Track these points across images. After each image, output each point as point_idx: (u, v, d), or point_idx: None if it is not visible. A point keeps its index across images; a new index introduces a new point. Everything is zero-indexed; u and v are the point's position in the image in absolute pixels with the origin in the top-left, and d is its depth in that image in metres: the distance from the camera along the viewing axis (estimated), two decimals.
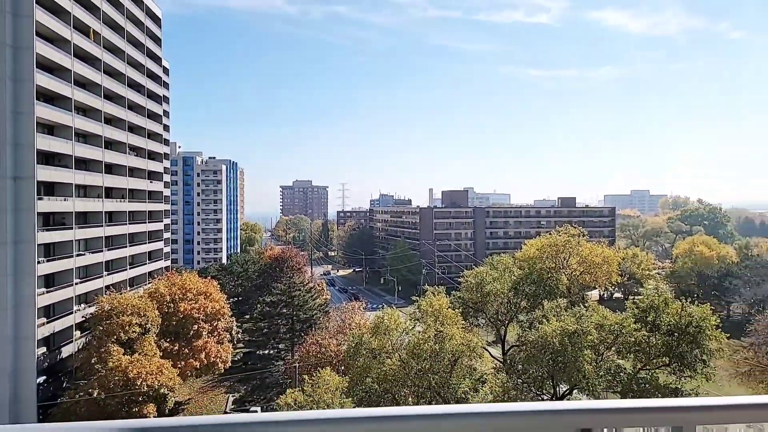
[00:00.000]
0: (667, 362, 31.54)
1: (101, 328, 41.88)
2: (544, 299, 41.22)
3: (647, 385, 30.58)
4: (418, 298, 40.26)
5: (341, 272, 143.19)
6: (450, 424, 1.64)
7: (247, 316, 70.60)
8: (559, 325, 33.16)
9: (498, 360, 43.70)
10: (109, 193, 54.09)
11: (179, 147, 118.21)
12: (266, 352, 58.14)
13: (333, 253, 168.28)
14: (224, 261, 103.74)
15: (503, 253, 58.87)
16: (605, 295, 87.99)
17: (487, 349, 41.90)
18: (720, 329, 31.56)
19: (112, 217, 54.03)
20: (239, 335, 60.52)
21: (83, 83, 49.38)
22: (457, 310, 39.92)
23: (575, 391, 34.93)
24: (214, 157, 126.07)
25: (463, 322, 40.04)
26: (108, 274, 52.42)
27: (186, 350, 46.99)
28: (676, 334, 31.36)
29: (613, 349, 33.51)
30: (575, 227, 56.24)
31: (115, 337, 41.16)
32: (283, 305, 58.27)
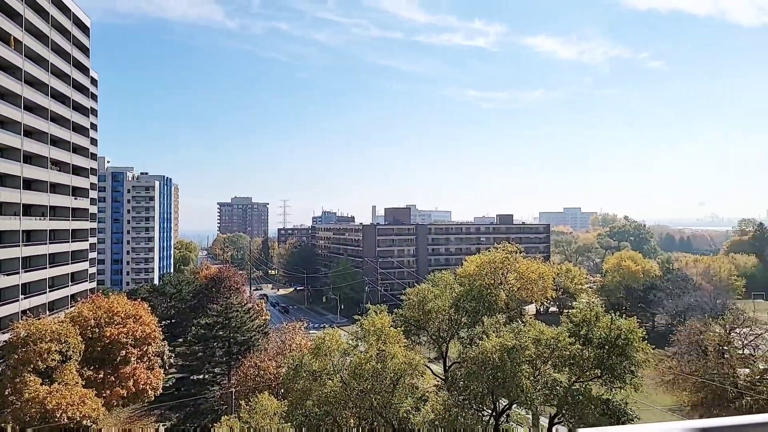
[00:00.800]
0: (599, 374, 32.67)
1: (16, 356, 38.51)
2: (484, 315, 41.91)
3: (581, 397, 31.49)
4: (360, 316, 39.81)
5: (282, 291, 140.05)
6: None
7: (181, 340, 67.24)
8: (498, 341, 33.72)
9: (440, 377, 43.80)
10: (28, 210, 50.27)
11: (108, 162, 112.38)
12: (201, 376, 55.39)
13: (273, 272, 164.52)
14: (156, 281, 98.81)
15: (445, 269, 59.60)
16: (541, 309, 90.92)
17: (429, 367, 41.93)
18: (646, 341, 33.13)
19: (30, 236, 50.15)
20: (172, 360, 57.44)
21: (1, 93, 45.96)
22: (399, 328, 39.84)
23: (514, 405, 35.52)
24: (146, 173, 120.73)
25: (406, 340, 40.01)
26: (25, 298, 48.48)
27: (112, 378, 43.99)
28: (606, 346, 32.60)
29: (549, 363, 34.35)
30: (512, 244, 57.89)
31: (31, 365, 37.93)
32: (220, 327, 55.92)
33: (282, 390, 39.12)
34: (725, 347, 43.15)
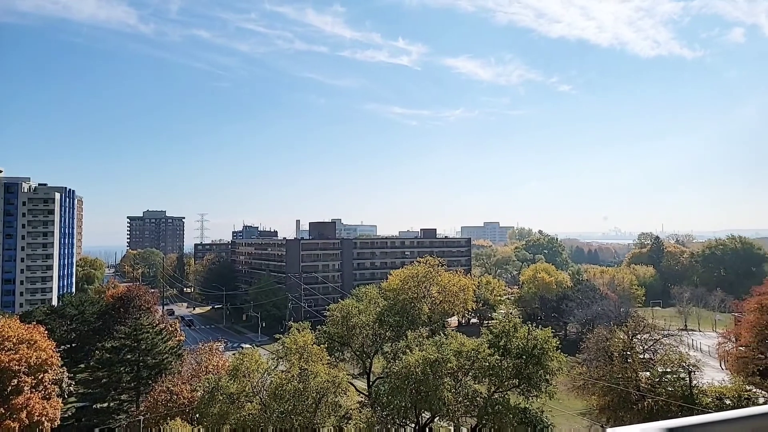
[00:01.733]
0: (517, 383, 33.72)
1: None
2: (407, 329, 42.10)
3: (500, 407, 32.26)
4: (282, 334, 38.56)
5: (198, 310, 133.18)
6: None
7: (83, 365, 61.63)
8: (421, 354, 33.94)
9: (363, 393, 43.27)
10: None
11: (0, 172, 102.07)
12: (105, 405, 50.90)
13: (189, 290, 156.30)
14: (55, 302, 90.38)
15: (370, 284, 59.47)
16: (463, 321, 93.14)
17: (352, 384, 41.30)
18: (559, 349, 34.69)
19: None
20: (72, 388, 52.36)
21: None
22: (322, 345, 39.14)
23: (437, 418, 35.75)
24: (45, 184, 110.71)
25: (329, 357, 39.32)
26: None
27: (2, 409, 39.41)
28: (524, 356, 33.75)
29: (470, 374, 34.98)
30: (435, 258, 58.95)
31: None
32: (128, 350, 51.86)
33: (197, 415, 36.75)
34: (628, 352, 46.10)
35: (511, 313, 69.33)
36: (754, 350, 48.63)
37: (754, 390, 41.19)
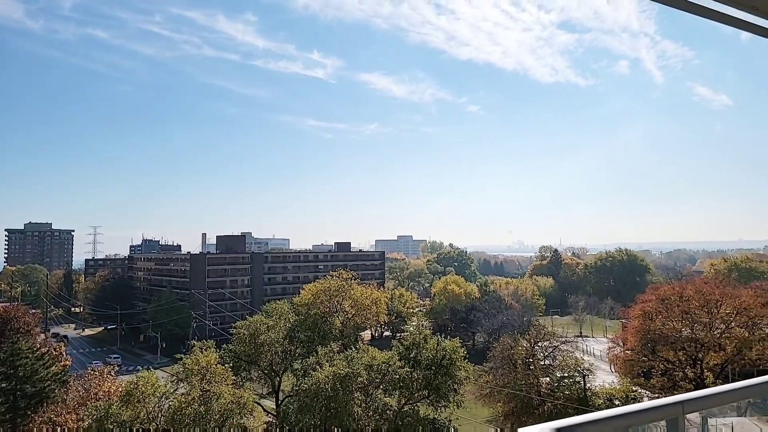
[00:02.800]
0: (427, 395, 34.05)
1: None
2: (318, 344, 41.19)
3: (410, 419, 32.35)
4: (184, 355, 36.21)
5: (89, 331, 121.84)
6: None
7: None
8: (331, 370, 33.29)
9: (272, 413, 41.60)
10: None
11: None
12: None
13: (78, 310, 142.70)
14: None
15: (282, 299, 57.84)
16: (376, 334, 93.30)
17: (260, 404, 39.55)
18: (467, 359, 35.60)
19: None
20: None
21: None
22: (227, 365, 37.43)
23: None
24: None
25: (235, 377, 37.66)
26: None
27: None
28: (433, 368, 34.21)
29: (380, 387, 34.81)
30: (348, 271, 58.61)
31: None
32: (2, 378, 46.00)
33: None
34: (530, 359, 48.38)
35: (423, 325, 70.45)
36: (638, 353, 52.96)
37: (639, 390, 44.74)
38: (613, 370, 61.53)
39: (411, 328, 42.13)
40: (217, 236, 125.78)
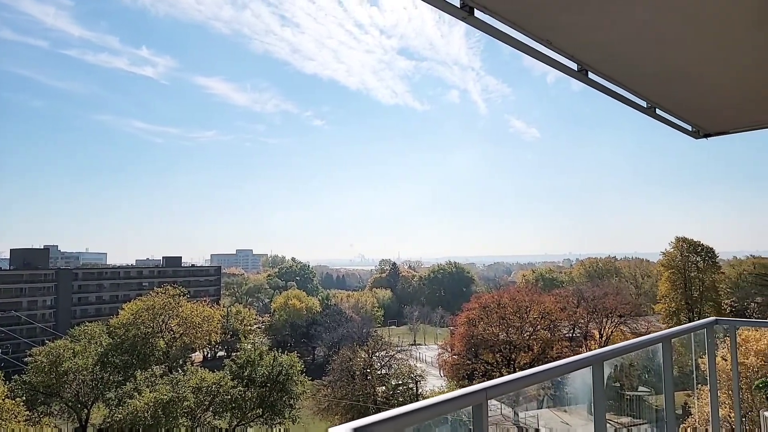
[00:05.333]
0: (261, 413, 32.30)
1: None
2: (138, 369, 36.68)
3: None
4: None
5: None
6: None
7: None
8: (152, 396, 29.79)
9: None
10: None
11: None
12: None
13: None
14: None
15: (96, 320, 50.62)
16: (209, 355, 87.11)
17: None
18: (305, 373, 34.70)
19: None
20: None
21: None
22: (19, 398, 31.59)
23: None
24: None
25: (29, 412, 31.93)
26: None
27: None
28: (269, 384, 32.65)
29: (210, 410, 32.13)
30: (176, 287, 53.61)
31: None
32: None
33: None
34: (368, 370, 49.22)
35: (261, 342, 67.66)
36: (463, 357, 57.38)
37: None
38: (441, 375, 65.75)
39: (247, 346, 39.78)
40: (11, 249, 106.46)
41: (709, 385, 6.53)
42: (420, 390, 44.75)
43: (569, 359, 3.67)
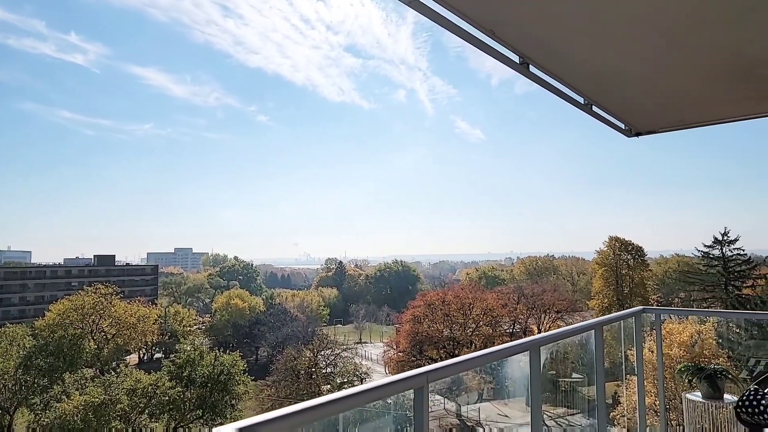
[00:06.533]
0: (201, 414, 31.32)
1: None
2: (66, 372, 34.63)
3: None
4: None
5: None
6: None
7: None
8: (82, 399, 28.23)
9: None
10: None
11: None
12: None
13: None
14: None
15: (20, 323, 47.40)
16: (146, 357, 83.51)
17: None
18: (247, 373, 33.95)
19: None
20: None
21: None
22: None
23: None
24: None
25: None
26: None
27: None
28: (209, 384, 31.71)
29: (146, 412, 30.80)
30: (107, 285, 50.99)
31: None
32: None
33: None
34: (313, 369, 48.83)
35: (201, 343, 65.54)
36: (408, 354, 58.07)
37: None
38: (387, 372, 66.21)
39: (187, 347, 38.43)
40: None
41: (636, 373, 6.92)
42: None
43: (507, 344, 3.75)
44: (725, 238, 46.32)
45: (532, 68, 3.91)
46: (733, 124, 5.50)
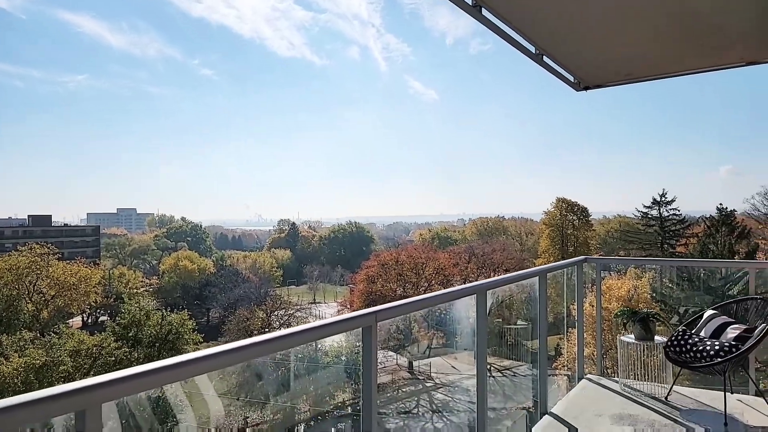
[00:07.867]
0: None
1: None
2: (2, 334, 33.21)
3: None
4: None
5: None
6: None
7: None
8: (22, 361, 27.26)
9: None
10: None
11: None
12: None
13: None
14: None
15: None
16: (90, 320, 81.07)
17: None
18: (197, 332, 33.61)
19: None
20: None
21: None
22: None
23: None
24: None
25: None
26: None
27: None
28: (157, 344, 31.24)
29: (91, 373, 30.11)
30: (43, 245, 48.59)
31: None
32: None
33: None
34: (266, 329, 48.96)
35: (149, 304, 64.12)
36: None
37: (359, 344, 49.84)
38: None
39: (132, 307, 37.40)
40: None
41: (576, 321, 7.25)
42: (320, 346, 45.42)
43: (454, 288, 3.81)
44: (662, 199, 48.99)
45: (484, 11, 3.82)
46: (676, 80, 5.66)
